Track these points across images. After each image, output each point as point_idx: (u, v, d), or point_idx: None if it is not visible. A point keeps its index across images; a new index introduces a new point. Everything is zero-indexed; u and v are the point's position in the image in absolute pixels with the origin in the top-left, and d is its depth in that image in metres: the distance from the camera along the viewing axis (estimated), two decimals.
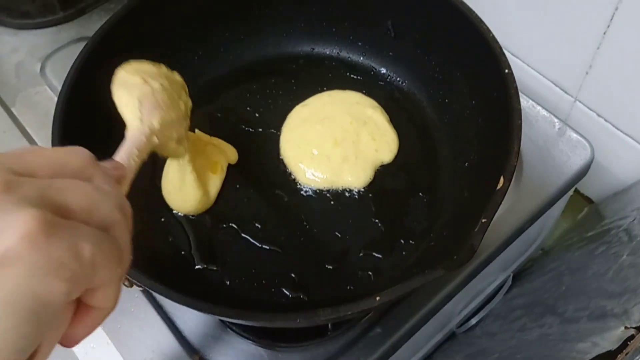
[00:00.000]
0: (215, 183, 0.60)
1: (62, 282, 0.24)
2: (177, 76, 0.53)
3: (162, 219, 0.59)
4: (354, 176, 0.61)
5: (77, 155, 0.29)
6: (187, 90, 0.54)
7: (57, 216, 0.24)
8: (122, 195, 0.33)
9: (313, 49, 0.71)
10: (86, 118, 0.53)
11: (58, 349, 0.26)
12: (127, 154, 0.40)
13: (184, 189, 0.58)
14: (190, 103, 0.53)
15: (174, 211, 0.59)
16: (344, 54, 0.70)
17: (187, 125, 0.53)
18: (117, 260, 0.27)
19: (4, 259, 0.23)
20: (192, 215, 0.59)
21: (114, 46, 0.56)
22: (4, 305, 0.22)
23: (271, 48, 0.70)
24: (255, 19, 0.68)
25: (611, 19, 0.59)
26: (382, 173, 0.61)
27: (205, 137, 0.62)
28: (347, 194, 0.60)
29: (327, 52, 0.70)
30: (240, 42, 0.69)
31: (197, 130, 0.62)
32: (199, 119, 0.64)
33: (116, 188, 0.31)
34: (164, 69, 0.51)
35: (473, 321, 0.74)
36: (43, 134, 0.71)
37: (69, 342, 0.28)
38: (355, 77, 0.69)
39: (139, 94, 0.46)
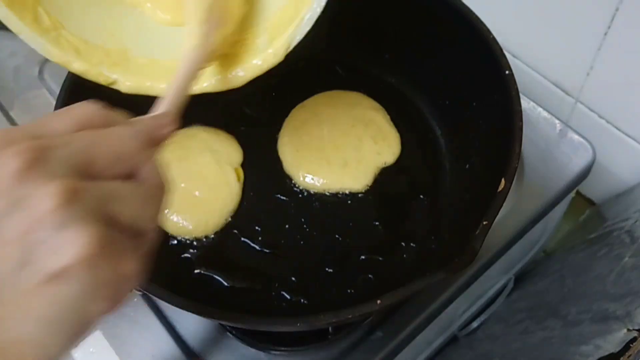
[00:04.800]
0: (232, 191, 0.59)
1: (108, 301, 0.24)
2: None
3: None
4: (354, 179, 0.60)
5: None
6: None
7: (85, 180, 0.24)
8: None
9: (313, 51, 0.70)
10: None
11: None
12: (187, 74, 0.37)
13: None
14: None
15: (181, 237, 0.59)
16: (343, 56, 0.70)
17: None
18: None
19: (62, 274, 0.23)
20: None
21: None
22: (54, 323, 0.23)
23: None
24: None
25: (612, 20, 0.58)
26: (383, 175, 0.61)
27: (209, 131, 0.62)
28: (347, 197, 0.60)
29: (327, 55, 0.70)
30: None
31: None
32: (197, 121, 0.64)
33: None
34: None
35: (475, 324, 0.73)
36: None
37: None
38: (354, 79, 0.68)
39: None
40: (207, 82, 0.45)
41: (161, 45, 0.47)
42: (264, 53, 0.43)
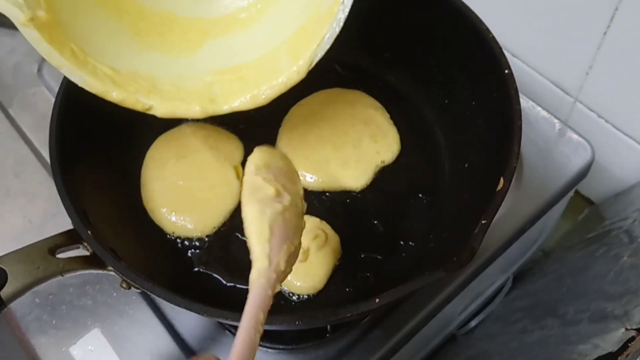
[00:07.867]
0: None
1: None
2: (291, 164, 0.46)
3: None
4: (353, 179, 0.60)
5: None
6: (299, 179, 0.46)
7: None
8: None
9: None
10: (84, 120, 0.53)
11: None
12: (252, 323, 0.34)
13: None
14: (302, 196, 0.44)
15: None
16: (342, 54, 0.69)
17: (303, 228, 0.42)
18: None
19: None
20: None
21: None
22: None
23: None
24: None
25: (611, 19, 0.58)
26: (382, 174, 0.61)
27: (208, 129, 0.62)
28: (346, 195, 0.60)
29: (326, 53, 0.70)
30: None
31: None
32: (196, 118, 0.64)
33: None
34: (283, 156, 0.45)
35: (473, 323, 0.73)
36: (40, 135, 0.71)
37: None
38: (354, 77, 0.68)
39: (271, 216, 0.38)
40: (238, 101, 0.49)
41: (184, 68, 0.51)
42: (288, 72, 0.48)
